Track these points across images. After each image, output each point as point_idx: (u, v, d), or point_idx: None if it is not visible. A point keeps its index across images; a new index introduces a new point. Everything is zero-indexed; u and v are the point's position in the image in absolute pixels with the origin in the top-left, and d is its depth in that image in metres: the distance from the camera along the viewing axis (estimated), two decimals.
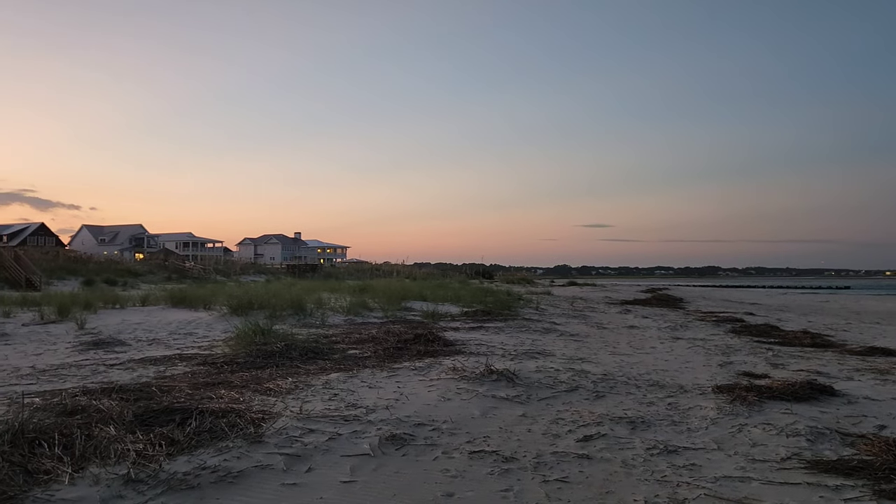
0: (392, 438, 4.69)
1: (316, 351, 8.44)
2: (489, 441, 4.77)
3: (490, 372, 6.87)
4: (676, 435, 5.07)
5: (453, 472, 4.10)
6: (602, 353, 10.17)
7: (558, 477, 4.04)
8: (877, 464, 4.23)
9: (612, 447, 4.69)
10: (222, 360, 7.80)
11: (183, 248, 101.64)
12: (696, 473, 4.13)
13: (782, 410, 5.84)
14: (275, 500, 3.57)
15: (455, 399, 6.02)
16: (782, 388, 6.59)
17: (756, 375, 7.94)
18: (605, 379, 7.35)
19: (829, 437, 4.98)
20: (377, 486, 3.82)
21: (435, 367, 7.59)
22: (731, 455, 4.54)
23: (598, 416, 5.56)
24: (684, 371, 8.37)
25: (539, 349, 9.94)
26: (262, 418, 4.89)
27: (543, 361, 8.48)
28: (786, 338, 13.11)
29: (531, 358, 8.82)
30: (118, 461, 3.82)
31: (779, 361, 9.51)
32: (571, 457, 4.44)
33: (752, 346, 11.62)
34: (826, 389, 6.74)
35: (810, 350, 11.22)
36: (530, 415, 5.61)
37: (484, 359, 7.87)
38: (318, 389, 6.22)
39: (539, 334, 12.41)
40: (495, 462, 4.29)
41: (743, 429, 5.22)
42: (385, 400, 5.85)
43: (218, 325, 12.66)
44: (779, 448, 4.68)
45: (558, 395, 6.42)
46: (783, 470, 4.21)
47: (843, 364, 9.36)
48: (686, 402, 6.23)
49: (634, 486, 3.89)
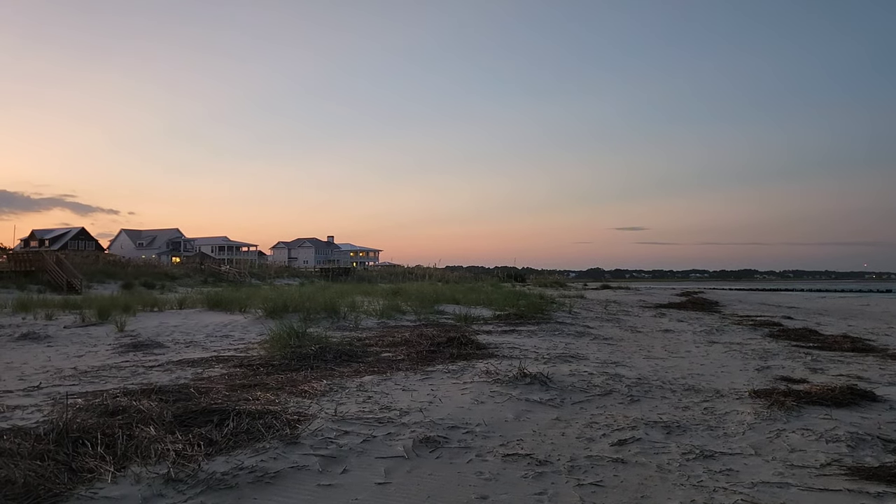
0: (426, 441, 4.72)
1: (350, 353, 8.52)
2: (523, 444, 4.77)
3: (523, 375, 6.86)
4: (713, 440, 5.01)
5: (487, 474, 4.11)
6: (636, 356, 10.08)
7: (592, 481, 4.02)
8: None
9: (647, 451, 4.66)
10: (258, 362, 7.92)
11: (218, 251, 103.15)
12: (732, 479, 4.08)
13: (822, 416, 5.73)
14: (311, 500, 3.62)
15: (488, 402, 6.02)
16: (821, 393, 6.46)
17: (794, 380, 7.79)
18: (639, 383, 7.28)
19: (871, 443, 4.88)
20: (411, 488, 3.85)
21: (468, 370, 7.61)
22: (769, 460, 4.47)
23: (633, 420, 5.52)
24: (720, 375, 8.25)
25: (572, 353, 9.89)
26: (298, 420, 4.96)
27: (577, 365, 8.44)
28: (825, 342, 12.84)
29: (564, 361, 8.78)
30: (158, 461, 3.91)
31: (818, 366, 9.33)
32: (606, 461, 4.42)
33: (790, 350, 11.41)
34: (867, 395, 6.59)
35: (850, 355, 10.97)
36: (564, 418, 5.59)
37: (517, 362, 7.86)
38: (353, 392, 6.28)
39: (572, 338, 12.34)
40: (529, 465, 4.29)
41: (781, 434, 5.13)
42: (418, 402, 5.88)
43: (253, 327, 12.84)
44: (818, 454, 4.59)
45: (592, 399, 6.39)
46: (823, 476, 4.14)
47: (884, 369, 9.14)
48: (722, 407, 6.15)
49: (670, 491, 3.85)
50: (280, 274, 64.94)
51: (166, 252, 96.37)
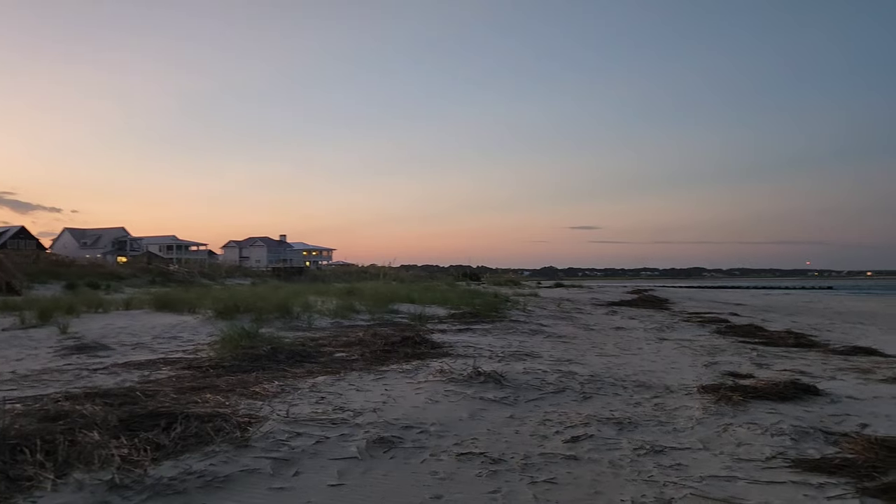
0: (380, 441, 4.68)
1: (303, 354, 8.40)
2: (477, 443, 4.77)
3: (478, 374, 6.87)
4: (663, 435, 5.09)
5: (441, 474, 4.09)
6: (589, 354, 10.20)
7: (546, 478, 4.04)
8: (859, 462, 4.28)
9: (600, 448, 4.71)
10: (208, 363, 7.75)
11: (167, 251, 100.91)
12: (682, 473, 4.15)
13: (767, 410, 5.88)
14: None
15: (443, 401, 6.01)
16: (767, 387, 6.64)
17: (741, 375, 7.99)
18: (592, 380, 7.37)
19: (813, 435, 5.02)
20: (365, 489, 3.81)
21: (422, 369, 7.58)
22: (717, 454, 4.57)
23: (586, 417, 5.58)
24: (671, 371, 8.41)
25: (527, 351, 9.96)
26: (249, 422, 4.86)
27: (531, 363, 8.49)
28: (770, 338, 13.21)
29: (519, 360, 8.83)
30: (102, 467, 3.78)
31: (763, 361, 9.59)
32: (559, 458, 4.45)
33: (737, 346, 11.71)
34: (810, 389, 6.80)
35: (794, 350, 11.32)
36: (518, 416, 5.62)
37: (472, 361, 7.87)
38: (305, 393, 6.19)
39: (526, 336, 12.43)
40: (483, 464, 4.29)
41: (728, 428, 5.25)
42: (372, 403, 5.84)
43: (203, 328, 12.57)
44: (764, 447, 4.71)
45: (546, 397, 6.44)
46: (768, 469, 4.25)
47: (826, 364, 9.45)
48: (672, 403, 6.26)
49: (622, 487, 3.90)
50: (231, 273, 63.84)
51: (112, 251, 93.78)
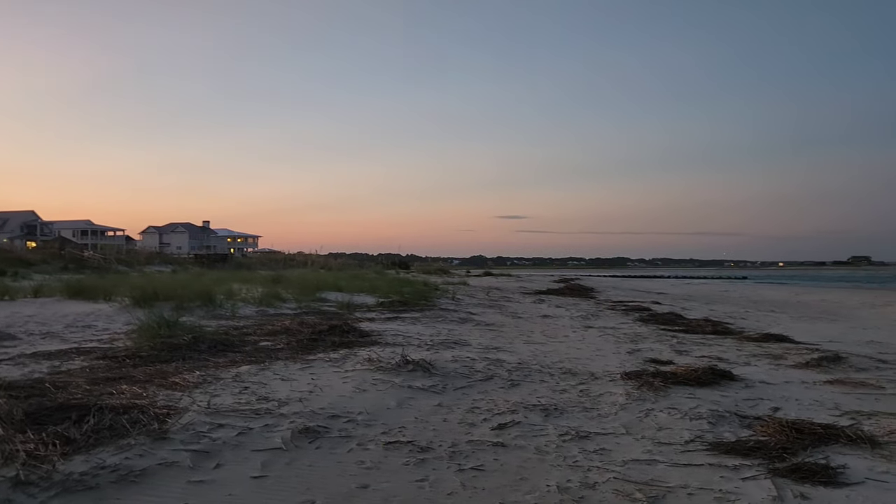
0: (305, 431, 4.59)
1: (226, 343, 8.17)
2: (405, 431, 4.74)
3: (406, 362, 6.84)
4: (588, 421, 5.19)
5: (368, 463, 4.04)
6: (517, 342, 10.32)
7: (473, 465, 4.05)
8: (771, 444, 4.46)
9: (527, 434, 4.75)
10: (124, 353, 7.43)
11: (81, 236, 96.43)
12: (605, 458, 4.23)
13: (686, 395, 6.08)
14: (181, 498, 3.41)
15: (371, 390, 5.95)
16: (686, 373, 6.86)
17: (662, 362, 8.23)
18: (519, 367, 7.45)
19: (729, 419, 5.22)
20: (290, 480, 3.72)
21: (350, 358, 7.50)
22: (639, 439, 4.68)
23: (513, 404, 5.62)
24: (595, 359, 8.59)
25: (455, 339, 9.99)
26: (168, 414, 4.67)
27: (459, 351, 8.52)
28: (689, 326, 13.69)
29: (447, 348, 8.85)
30: (6, 463, 3.56)
31: (683, 348, 9.92)
32: (486, 445, 4.47)
33: (659, 333, 12.08)
34: (726, 374, 7.06)
35: (712, 337, 11.76)
36: (446, 404, 5.62)
37: (400, 349, 7.83)
38: (228, 383, 6.01)
39: (455, 324, 12.48)
40: (411, 452, 4.27)
41: (650, 413, 5.40)
42: (298, 392, 5.72)
43: (119, 317, 12.06)
44: (683, 431, 4.86)
45: (474, 385, 6.46)
46: (687, 452, 4.38)
47: (741, 350, 9.85)
48: (597, 389, 6.39)
49: (547, 472, 3.94)
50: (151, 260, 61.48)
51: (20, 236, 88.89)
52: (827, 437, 4.65)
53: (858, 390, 6.70)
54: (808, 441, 4.55)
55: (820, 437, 4.63)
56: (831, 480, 3.81)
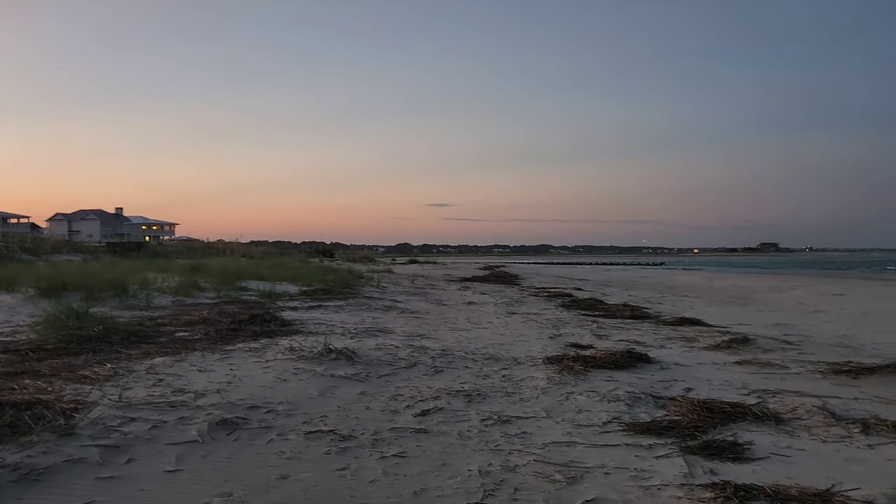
0: (223, 423, 4.47)
1: (140, 334, 7.86)
2: (327, 420, 4.68)
3: (329, 351, 6.75)
4: (510, 405, 5.25)
5: (289, 453, 3.97)
6: (441, 329, 10.36)
7: (396, 452, 4.04)
8: (684, 423, 4.64)
9: (449, 420, 4.77)
10: (27, 346, 7.04)
11: None
12: (526, 441, 4.30)
13: (605, 378, 6.24)
14: (89, 495, 3.25)
15: (292, 379, 5.85)
16: (605, 357, 7.04)
17: (582, 346, 8.43)
18: (443, 354, 7.48)
19: (645, 400, 5.39)
20: (206, 474, 3.61)
21: (271, 347, 7.34)
22: (559, 422, 4.77)
23: (436, 390, 5.64)
24: (518, 344, 8.71)
25: (379, 327, 9.94)
26: (76, 409, 4.45)
27: (383, 339, 8.48)
28: (609, 311, 14.08)
29: (371, 336, 8.79)
30: None
31: (603, 333, 10.18)
32: (409, 432, 4.46)
33: (580, 319, 12.36)
34: (643, 357, 7.29)
35: (630, 321, 12.12)
36: (369, 392, 5.58)
37: (323, 338, 7.73)
38: (142, 375, 5.79)
39: (380, 312, 12.41)
40: (332, 441, 4.22)
41: (570, 397, 5.51)
42: (216, 383, 5.56)
43: (23, 308, 11.41)
44: (601, 413, 4.98)
45: (398, 372, 6.44)
46: (605, 433, 4.50)
47: (657, 334, 10.20)
48: (519, 374, 6.48)
49: (469, 457, 3.97)
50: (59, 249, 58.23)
51: None
52: (735, 415, 4.87)
53: (765, 370, 7.05)
54: (718, 419, 4.75)
55: (729, 416, 4.84)
56: (739, 456, 3.98)
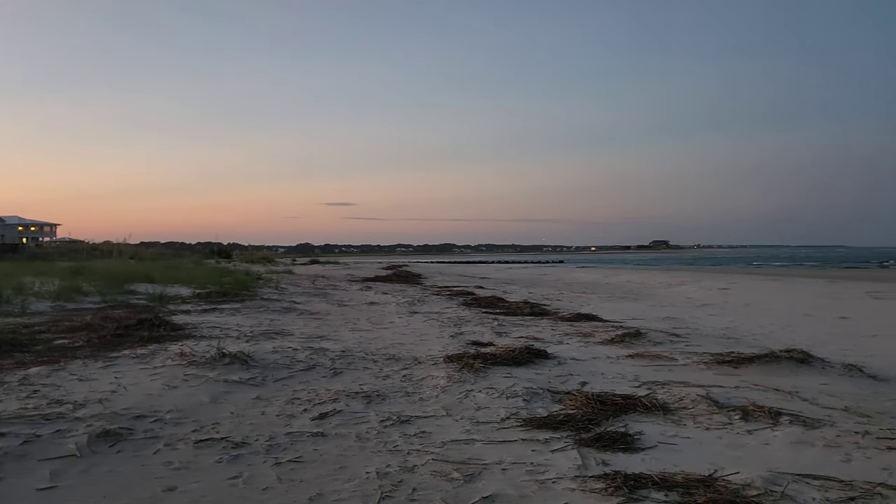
0: (105, 434, 4.20)
1: (13, 343, 7.31)
2: (219, 428, 4.50)
3: (222, 355, 6.49)
4: (409, 405, 5.22)
5: (177, 464, 3.78)
6: (342, 330, 10.21)
7: (291, 458, 3.93)
8: (578, 416, 4.75)
9: (348, 422, 4.69)
10: None
11: None
12: (425, 440, 4.28)
13: (504, 375, 6.32)
14: None
15: (182, 386, 5.59)
16: (504, 354, 7.14)
17: (483, 344, 8.52)
18: (343, 356, 7.36)
19: (542, 395, 5.49)
20: (84, 489, 3.38)
21: (160, 353, 7.00)
22: (458, 420, 4.79)
23: (335, 392, 5.54)
24: (420, 344, 8.70)
25: (277, 329, 9.69)
26: None
27: (281, 341, 8.27)
28: (510, 308, 14.33)
29: (268, 339, 8.55)
30: None
31: (503, 330, 10.34)
32: (306, 436, 4.35)
33: (481, 317, 12.51)
34: (541, 353, 7.44)
35: (530, 318, 12.38)
36: (265, 397, 5.41)
37: (216, 342, 7.44)
38: (14, 386, 5.37)
39: (278, 314, 12.11)
40: (224, 449, 4.05)
41: (469, 394, 5.54)
42: (99, 393, 5.24)
43: None
44: (500, 409, 5.04)
45: (295, 375, 6.29)
46: (503, 429, 4.54)
47: (555, 330, 10.46)
48: (420, 373, 6.46)
49: (368, 459, 3.91)
50: None
51: None
52: (627, 406, 5.04)
53: (655, 362, 7.35)
54: (611, 411, 4.90)
55: (621, 408, 5.01)
56: (629, 446, 4.12)
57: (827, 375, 6.72)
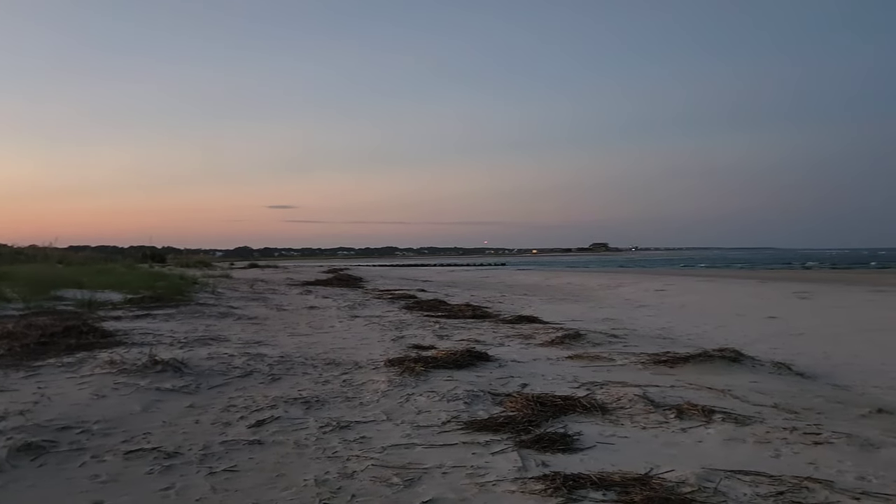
0: (27, 448, 4.00)
1: None
2: (150, 438, 4.34)
3: (155, 363, 6.28)
4: (350, 410, 5.15)
5: (104, 477, 3.62)
6: (281, 334, 10.03)
7: (227, 467, 3.81)
8: (519, 418, 4.77)
9: (286, 429, 4.59)
10: None
11: None
12: (365, 446, 4.22)
13: (445, 378, 6.30)
14: None
15: (112, 395, 5.37)
16: (446, 357, 7.13)
17: (424, 347, 8.49)
18: (282, 361, 7.22)
19: (483, 398, 5.49)
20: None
21: (89, 361, 6.71)
22: (399, 424, 4.75)
23: (273, 399, 5.42)
24: (360, 348, 8.61)
25: (213, 335, 9.44)
26: None
27: (217, 347, 8.05)
28: (452, 311, 14.34)
29: (204, 345, 8.32)
30: None
31: (445, 333, 10.33)
32: (242, 444, 4.24)
33: (423, 320, 12.48)
34: (482, 356, 7.46)
35: (472, 321, 12.42)
36: (199, 405, 5.25)
37: (149, 349, 7.19)
38: None
39: (214, 319, 11.81)
40: (156, 460, 3.91)
41: (410, 398, 5.50)
42: (21, 404, 4.98)
43: None
44: (441, 413, 5.02)
45: (231, 382, 6.13)
46: (444, 433, 4.52)
47: (497, 332, 10.51)
48: (360, 378, 6.39)
49: (306, 466, 3.83)
50: None
51: None
52: (566, 407, 5.09)
53: (594, 363, 7.47)
54: (551, 413, 4.95)
55: (561, 408, 5.05)
56: (569, 447, 4.16)
57: (757, 373, 6.95)
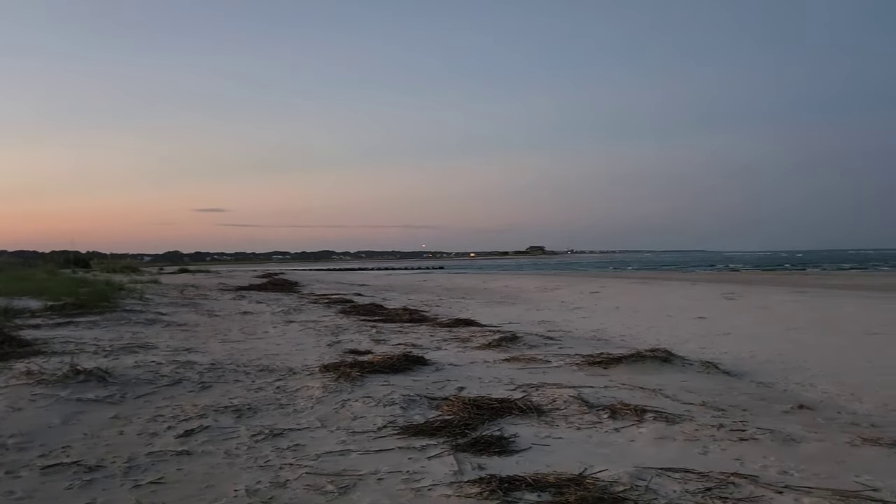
0: None
1: None
2: (70, 451, 4.14)
3: (76, 372, 6.00)
4: (283, 418, 5.04)
5: (20, 493, 3.44)
6: (212, 341, 9.76)
7: (153, 479, 3.67)
8: (455, 421, 4.76)
9: (216, 439, 4.46)
10: None
11: None
12: (299, 453, 4.13)
13: (381, 383, 6.24)
14: None
15: (28, 408, 5.10)
16: (382, 361, 7.07)
17: (361, 352, 8.40)
18: (212, 368, 7.02)
19: (419, 402, 5.46)
20: None
21: (3, 372, 6.35)
22: (334, 431, 4.67)
23: (203, 407, 5.25)
24: (295, 353, 8.46)
25: (140, 342, 9.10)
26: None
27: (144, 355, 7.76)
28: (389, 315, 14.25)
29: (130, 353, 8.01)
30: None
31: (381, 337, 10.25)
32: (169, 455, 4.09)
33: (359, 324, 12.36)
34: (419, 360, 7.43)
35: (409, 325, 12.36)
36: (124, 415, 5.04)
37: (70, 358, 6.87)
38: None
39: (142, 326, 11.40)
40: (76, 474, 3.73)
41: (346, 404, 5.42)
42: None
43: None
44: (377, 418, 4.96)
45: (159, 391, 5.91)
46: (380, 438, 4.47)
47: (434, 336, 10.49)
48: (294, 384, 6.26)
49: (236, 476, 3.72)
50: None
51: None
52: (503, 410, 5.11)
53: (530, 365, 7.53)
54: (487, 415, 4.95)
55: (497, 411, 5.07)
56: (505, 449, 4.16)
57: (686, 373, 7.15)
